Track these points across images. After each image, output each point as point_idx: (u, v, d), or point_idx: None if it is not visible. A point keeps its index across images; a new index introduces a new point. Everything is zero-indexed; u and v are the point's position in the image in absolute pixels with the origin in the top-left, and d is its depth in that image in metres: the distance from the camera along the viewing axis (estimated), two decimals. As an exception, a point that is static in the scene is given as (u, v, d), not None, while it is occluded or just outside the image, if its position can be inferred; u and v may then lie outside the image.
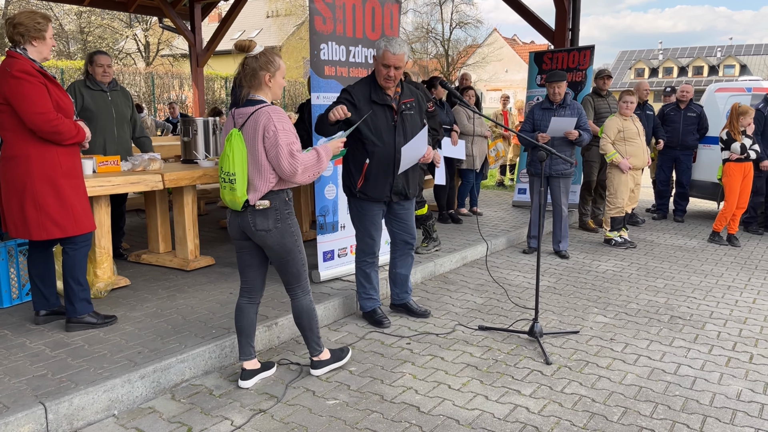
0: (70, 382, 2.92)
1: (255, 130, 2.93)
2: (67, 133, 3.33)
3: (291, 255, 3.12)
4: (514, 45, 44.34)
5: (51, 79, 3.34)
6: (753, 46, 47.99)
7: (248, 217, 3.01)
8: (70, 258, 3.56)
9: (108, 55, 4.94)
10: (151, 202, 5.18)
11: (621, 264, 5.88)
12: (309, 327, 3.27)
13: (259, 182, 2.97)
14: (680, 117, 7.95)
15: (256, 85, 3.02)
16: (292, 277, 3.19)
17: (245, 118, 2.97)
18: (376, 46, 3.72)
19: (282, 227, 3.05)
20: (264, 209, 3.00)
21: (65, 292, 3.60)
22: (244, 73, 3.00)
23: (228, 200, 3.00)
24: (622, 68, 50.54)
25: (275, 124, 2.91)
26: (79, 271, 3.61)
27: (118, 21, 29.54)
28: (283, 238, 3.06)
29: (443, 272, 5.50)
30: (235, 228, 3.10)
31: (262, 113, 2.93)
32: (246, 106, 3.01)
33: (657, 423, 2.91)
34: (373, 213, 3.93)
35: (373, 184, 3.83)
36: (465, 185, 7.52)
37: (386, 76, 3.69)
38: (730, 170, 6.58)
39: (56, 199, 3.37)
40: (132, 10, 11.33)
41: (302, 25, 36.01)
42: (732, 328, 4.19)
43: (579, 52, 7.99)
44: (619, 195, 6.39)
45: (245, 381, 3.22)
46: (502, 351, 3.75)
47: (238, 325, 3.23)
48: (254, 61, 2.99)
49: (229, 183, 2.93)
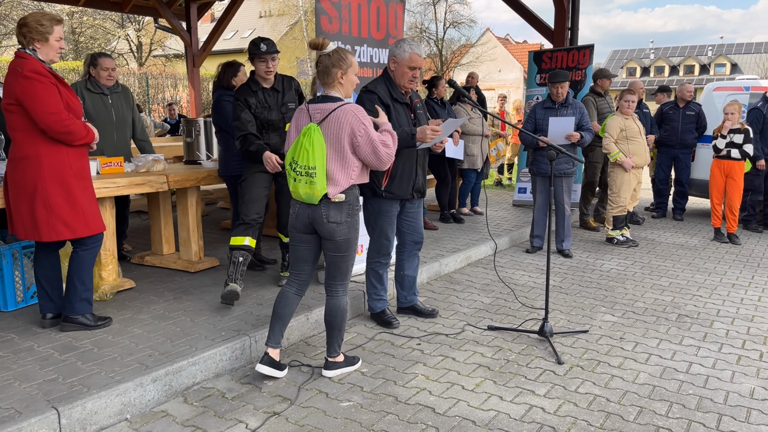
0: (82, 386, 2.88)
1: (339, 127, 3.02)
2: (78, 133, 3.31)
3: (351, 251, 3.20)
4: (507, 44, 44.41)
5: (60, 79, 3.31)
6: (744, 45, 48.31)
7: (322, 210, 3.08)
8: (79, 258, 3.54)
9: (112, 58, 4.88)
10: (155, 204, 5.14)
11: (624, 263, 5.89)
12: (339, 327, 3.30)
13: (341, 176, 3.05)
14: (679, 116, 7.98)
15: (329, 82, 3.12)
16: (340, 274, 3.23)
17: (325, 114, 3.05)
18: (398, 48, 3.75)
19: (351, 222, 3.14)
20: (339, 202, 3.08)
21: (67, 290, 3.58)
22: (318, 71, 3.13)
23: (303, 193, 3.06)
24: (614, 67, 50.71)
25: (363, 122, 3.04)
26: (85, 272, 3.58)
27: (110, 21, 29.35)
28: (350, 232, 3.15)
29: (448, 272, 5.49)
30: (303, 220, 3.15)
31: (347, 112, 3.03)
32: (323, 102, 3.10)
33: (673, 422, 2.90)
34: (392, 213, 3.93)
35: (399, 182, 3.85)
36: (466, 185, 7.51)
37: (411, 78, 3.79)
38: (711, 167, 6.92)
39: (66, 200, 3.34)
40: (127, 10, 11.24)
41: (295, 25, 35.93)
42: (740, 326, 4.20)
43: (578, 51, 8.01)
44: (622, 194, 6.41)
45: (263, 366, 3.24)
46: (513, 351, 3.74)
47: (278, 311, 3.29)
48: (327, 58, 3.10)
49: (307, 176, 3.00)
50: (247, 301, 4.17)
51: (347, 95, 3.19)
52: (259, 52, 4.11)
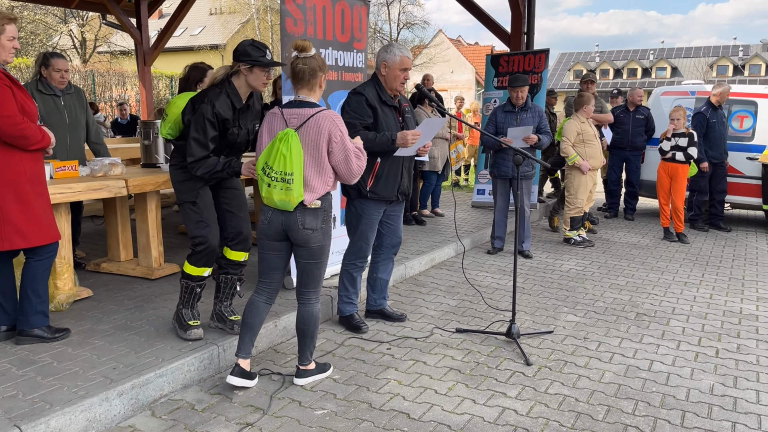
0: (44, 403, 2.75)
1: (318, 133, 2.97)
2: (33, 137, 3.16)
3: (324, 257, 3.16)
4: (460, 46, 44.95)
5: (15, 81, 3.15)
6: (683, 49, 50.37)
7: (297, 216, 3.02)
8: (32, 269, 3.38)
9: (65, 59, 4.68)
10: (111, 208, 4.96)
11: (582, 263, 6.04)
12: (312, 335, 3.26)
13: (317, 183, 3.01)
14: (629, 119, 8.25)
15: (312, 84, 3.07)
16: (313, 281, 3.19)
17: (303, 119, 3.00)
18: (388, 53, 3.81)
19: (326, 228, 3.10)
20: (315, 209, 3.04)
21: (21, 302, 3.41)
22: (301, 73, 3.04)
23: (278, 199, 2.99)
24: (561, 70, 52.06)
25: (340, 129, 3.00)
26: (39, 283, 3.43)
27: (52, 16, 28.20)
28: (324, 238, 3.11)
29: (413, 275, 5.51)
30: (276, 227, 3.08)
31: (325, 117, 2.99)
32: (300, 107, 3.04)
33: (640, 420, 3.00)
34: (375, 215, 3.93)
35: (384, 183, 3.86)
36: (427, 186, 7.56)
37: (403, 80, 3.84)
38: (658, 169, 7.24)
39: (20, 207, 3.19)
40: (74, 5, 10.84)
41: (247, 23, 35.37)
42: (695, 323, 4.37)
43: (534, 55, 8.17)
44: (579, 195, 6.58)
45: (235, 377, 3.16)
46: (482, 353, 3.78)
47: (248, 321, 3.21)
48: (314, 60, 3.04)
49: (283, 183, 2.94)
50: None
51: (317, 100, 3.16)
52: (265, 62, 3.27)
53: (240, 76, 3.34)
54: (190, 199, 3.51)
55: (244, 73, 3.32)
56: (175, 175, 3.57)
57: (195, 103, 3.36)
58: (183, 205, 3.55)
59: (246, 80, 3.34)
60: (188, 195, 3.52)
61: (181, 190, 3.55)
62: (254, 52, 3.27)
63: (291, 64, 3.09)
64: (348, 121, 3.78)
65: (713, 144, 7.49)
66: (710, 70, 45.72)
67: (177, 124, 3.57)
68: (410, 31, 36.80)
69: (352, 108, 3.79)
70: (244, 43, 3.30)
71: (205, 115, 3.26)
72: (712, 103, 7.57)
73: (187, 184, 3.52)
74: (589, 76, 7.77)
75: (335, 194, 4.78)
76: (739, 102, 8.07)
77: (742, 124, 8.05)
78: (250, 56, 3.26)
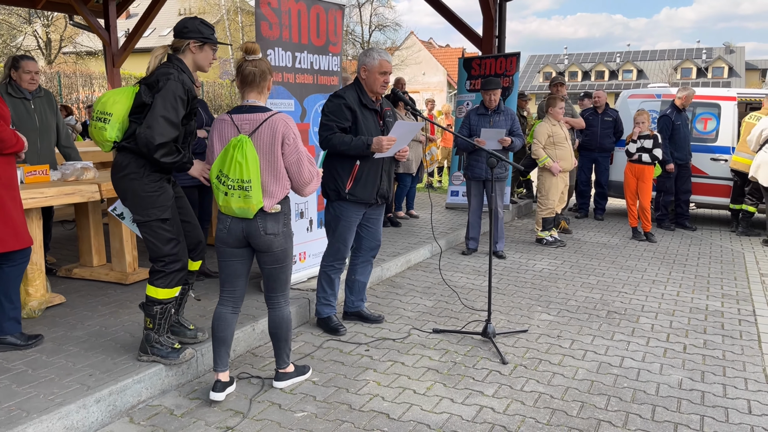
0: (21, 411, 2.72)
1: (273, 137, 2.94)
2: (8, 141, 3.12)
3: (288, 260, 3.14)
4: (431, 48, 45.23)
5: None
6: (648, 52, 51.53)
7: (257, 223, 2.99)
8: (6, 275, 3.34)
9: (35, 61, 4.61)
10: (83, 213, 4.89)
11: (555, 262, 6.16)
12: (286, 338, 3.25)
13: (275, 188, 2.98)
14: (598, 121, 8.43)
15: (260, 88, 3.04)
16: (280, 285, 3.17)
17: (255, 124, 2.96)
18: (367, 57, 3.85)
19: (287, 231, 3.09)
20: (275, 213, 3.01)
21: None
22: (251, 75, 3.00)
23: (236, 208, 2.94)
24: (531, 72, 52.79)
25: (294, 132, 2.98)
26: (12, 289, 3.39)
27: (16, 16, 27.53)
28: (286, 242, 3.09)
29: (390, 276, 5.55)
30: (236, 235, 3.04)
31: (279, 121, 2.96)
32: (250, 113, 2.99)
33: (612, 415, 3.09)
34: (353, 218, 3.96)
35: (363, 186, 3.88)
36: (402, 189, 7.62)
37: (383, 84, 3.87)
38: (625, 170, 7.39)
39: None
40: (40, 6, 10.62)
41: (217, 25, 35.02)
42: (663, 320, 4.51)
43: (506, 58, 8.29)
44: (550, 196, 6.70)
45: (218, 393, 3.12)
46: (459, 353, 3.84)
47: (219, 336, 3.14)
48: (263, 63, 3.02)
49: (241, 190, 2.89)
50: (189, 313, 4.06)
51: (265, 104, 3.11)
52: (216, 40, 3.20)
53: (187, 55, 3.13)
54: (161, 216, 3.12)
55: (192, 51, 3.12)
56: (140, 186, 3.07)
57: (156, 83, 3.00)
58: (149, 224, 3.10)
59: (194, 59, 3.15)
60: (159, 210, 3.11)
61: (150, 205, 3.09)
62: (205, 30, 3.15)
63: (239, 66, 3.02)
64: (325, 123, 3.82)
65: (678, 145, 7.71)
66: (675, 72, 46.86)
67: (124, 124, 3.09)
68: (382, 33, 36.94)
69: (330, 110, 3.82)
70: (194, 21, 3.13)
71: (175, 93, 2.98)
72: (677, 106, 7.79)
73: (160, 198, 3.11)
74: (558, 78, 7.92)
75: (312, 196, 4.80)
76: (703, 105, 8.32)
77: (706, 126, 8.29)
78: (202, 33, 3.13)
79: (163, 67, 3.06)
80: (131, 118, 3.08)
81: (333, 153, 3.85)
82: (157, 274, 3.17)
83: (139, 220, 3.13)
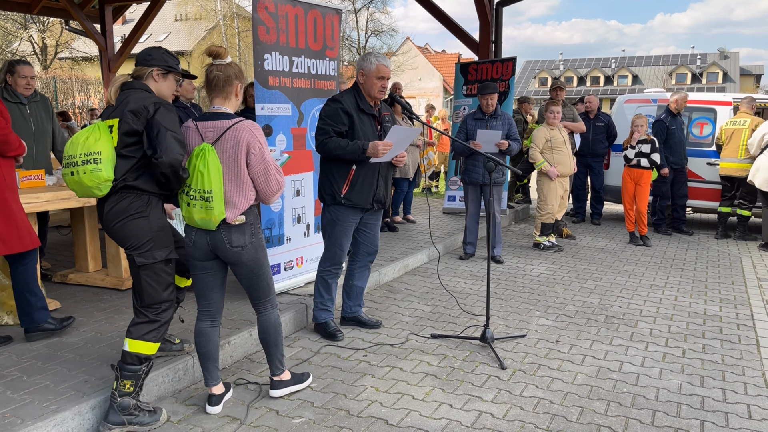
0: (16, 418, 2.69)
1: (236, 146, 2.82)
2: (13, 143, 3.18)
3: (263, 269, 3.05)
4: (427, 54, 45.35)
5: None
6: (643, 58, 51.81)
7: (222, 235, 2.88)
8: (21, 274, 3.47)
9: (31, 66, 4.59)
10: (79, 218, 4.86)
11: (552, 267, 6.15)
12: (275, 342, 3.19)
13: (238, 199, 2.87)
14: (590, 126, 8.44)
15: (225, 94, 2.92)
16: (261, 292, 3.10)
17: (219, 132, 2.85)
18: (365, 61, 3.84)
19: (255, 241, 2.99)
20: (240, 225, 2.91)
21: (20, 305, 3.49)
22: (215, 80, 2.89)
23: (198, 219, 2.84)
24: (527, 77, 52.99)
25: (259, 140, 2.86)
26: (32, 283, 3.50)
27: (12, 22, 27.50)
28: (257, 252, 2.99)
29: (387, 281, 5.53)
30: (202, 248, 2.93)
31: (243, 129, 2.84)
32: (214, 120, 2.88)
33: (612, 420, 3.07)
34: (349, 222, 3.94)
35: (359, 191, 3.86)
36: (398, 193, 7.61)
37: (381, 89, 3.86)
38: (623, 175, 7.33)
39: (2, 213, 3.23)
40: (36, 11, 10.57)
41: (213, 30, 35.06)
42: (662, 324, 4.50)
43: (502, 63, 8.30)
44: (549, 201, 6.70)
45: (214, 407, 3.08)
46: (458, 358, 3.82)
47: (202, 351, 3.06)
48: (230, 68, 2.90)
49: (202, 201, 2.79)
50: (186, 318, 4.03)
51: (235, 109, 3.03)
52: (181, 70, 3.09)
53: (150, 83, 2.96)
54: (166, 257, 2.89)
55: (155, 79, 2.95)
56: (147, 225, 2.83)
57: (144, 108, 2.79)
58: (153, 266, 2.84)
59: (157, 88, 2.97)
60: (164, 250, 2.88)
61: (156, 245, 2.85)
62: (170, 60, 3.01)
63: (205, 71, 2.94)
64: (321, 127, 3.80)
65: (673, 150, 7.72)
66: (669, 78, 47.11)
67: (113, 160, 2.78)
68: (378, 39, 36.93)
69: (327, 115, 3.81)
70: (159, 50, 2.99)
71: (169, 109, 2.86)
72: (671, 110, 7.81)
73: (166, 235, 2.91)
74: (557, 83, 7.94)
75: (309, 201, 4.78)
76: (699, 110, 8.34)
77: (702, 131, 8.31)
78: (167, 62, 2.97)
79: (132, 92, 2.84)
80: (124, 151, 2.79)
81: (329, 157, 3.84)
82: (150, 325, 2.86)
83: (142, 263, 2.83)
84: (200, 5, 34.02)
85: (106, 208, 2.83)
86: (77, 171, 2.72)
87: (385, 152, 3.71)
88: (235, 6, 34.46)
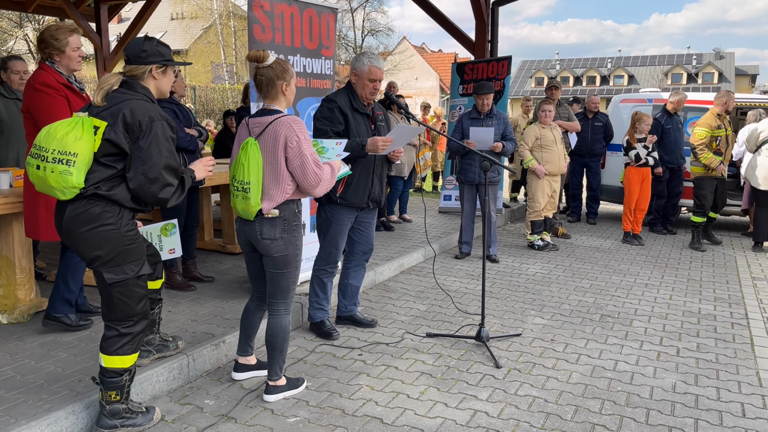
0: (9, 417, 2.68)
1: (275, 140, 2.96)
2: None
3: (288, 268, 3.12)
4: (423, 53, 45.37)
5: (76, 92, 3.47)
6: (639, 58, 51.89)
7: (256, 226, 3.02)
8: (68, 258, 3.65)
9: (24, 61, 4.59)
10: (73, 217, 4.84)
11: (548, 266, 6.17)
12: (281, 348, 3.19)
13: (275, 192, 3.00)
14: (588, 126, 8.45)
15: (272, 94, 3.07)
16: (280, 292, 3.15)
17: (263, 127, 3.00)
18: (358, 62, 3.85)
19: (288, 238, 3.07)
20: (273, 218, 3.02)
21: (54, 287, 3.68)
22: (259, 84, 3.06)
23: (240, 209, 3.01)
24: (523, 77, 53.03)
25: (297, 134, 2.97)
26: (70, 274, 3.65)
27: (7, 20, 27.40)
28: (287, 249, 3.07)
29: (383, 280, 5.53)
30: (243, 237, 3.14)
31: (282, 123, 2.97)
32: (262, 116, 3.06)
33: (607, 419, 3.08)
34: (345, 221, 3.94)
35: (354, 190, 3.87)
36: (394, 192, 7.61)
37: (372, 90, 3.86)
38: (630, 174, 7.16)
39: (44, 204, 3.49)
40: (31, 10, 10.54)
41: (210, 29, 35.01)
42: (656, 323, 4.51)
43: (498, 62, 8.32)
44: (537, 199, 6.70)
45: (237, 373, 3.39)
46: (453, 357, 3.82)
47: (242, 324, 3.38)
48: (270, 70, 3.03)
49: (242, 192, 2.94)
50: (181, 318, 4.03)
51: (288, 105, 3.18)
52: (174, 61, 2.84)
53: (149, 82, 2.72)
54: (140, 272, 2.70)
55: (155, 77, 2.72)
56: (118, 238, 2.61)
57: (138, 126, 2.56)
58: (125, 283, 2.64)
59: (156, 85, 2.75)
60: (136, 264, 2.69)
61: (128, 259, 2.65)
62: (165, 51, 2.75)
63: (252, 76, 3.14)
64: (319, 128, 3.81)
65: (668, 149, 7.73)
66: (665, 78, 47.20)
67: (89, 165, 2.54)
68: (374, 38, 36.94)
69: (324, 115, 3.81)
70: (151, 42, 2.70)
71: (165, 135, 2.62)
72: (667, 110, 7.83)
73: (138, 249, 2.70)
74: (553, 82, 7.95)
75: (305, 200, 4.78)
76: (695, 110, 8.36)
77: (697, 131, 8.31)
78: (164, 56, 2.73)
79: (130, 100, 2.59)
80: (103, 159, 2.55)
81: None
82: (122, 338, 2.68)
83: (113, 279, 2.62)
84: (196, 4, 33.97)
85: (69, 210, 2.59)
86: (44, 167, 2.47)
87: (384, 148, 3.72)
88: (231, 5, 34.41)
